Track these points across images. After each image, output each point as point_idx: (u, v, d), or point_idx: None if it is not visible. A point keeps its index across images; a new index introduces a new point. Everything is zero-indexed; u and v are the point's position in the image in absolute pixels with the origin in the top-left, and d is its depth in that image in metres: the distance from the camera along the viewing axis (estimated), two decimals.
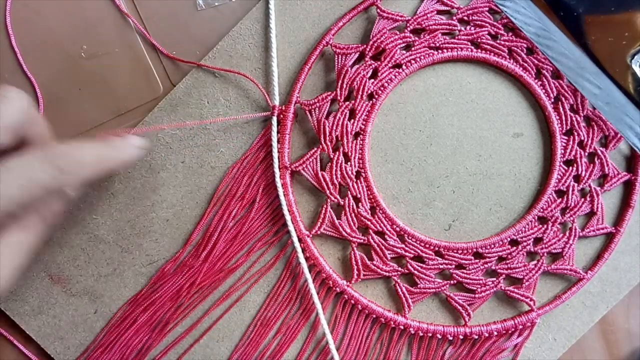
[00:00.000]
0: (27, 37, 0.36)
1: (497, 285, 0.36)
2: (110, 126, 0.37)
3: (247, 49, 0.37)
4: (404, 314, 0.36)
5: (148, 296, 0.36)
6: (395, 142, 0.37)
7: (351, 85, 0.36)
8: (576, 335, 0.37)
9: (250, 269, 0.36)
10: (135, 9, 0.37)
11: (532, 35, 0.36)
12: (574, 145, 0.36)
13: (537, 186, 0.37)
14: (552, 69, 0.36)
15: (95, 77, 0.37)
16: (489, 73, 0.37)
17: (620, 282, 0.37)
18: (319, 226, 0.36)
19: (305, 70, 0.36)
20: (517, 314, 0.37)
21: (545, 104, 0.36)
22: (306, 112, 0.36)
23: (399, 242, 0.36)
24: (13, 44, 0.36)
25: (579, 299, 0.37)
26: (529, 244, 0.36)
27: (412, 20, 0.36)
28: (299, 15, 0.37)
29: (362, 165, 0.36)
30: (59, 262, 0.36)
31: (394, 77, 0.36)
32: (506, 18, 0.36)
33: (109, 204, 0.36)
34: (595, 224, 0.37)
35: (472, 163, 0.37)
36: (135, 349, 0.36)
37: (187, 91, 0.37)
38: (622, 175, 0.37)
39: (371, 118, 0.36)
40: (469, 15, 0.36)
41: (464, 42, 0.36)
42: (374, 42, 0.36)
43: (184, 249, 0.36)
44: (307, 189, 0.37)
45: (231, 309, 0.36)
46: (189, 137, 0.37)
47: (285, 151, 0.36)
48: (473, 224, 0.37)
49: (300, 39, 0.37)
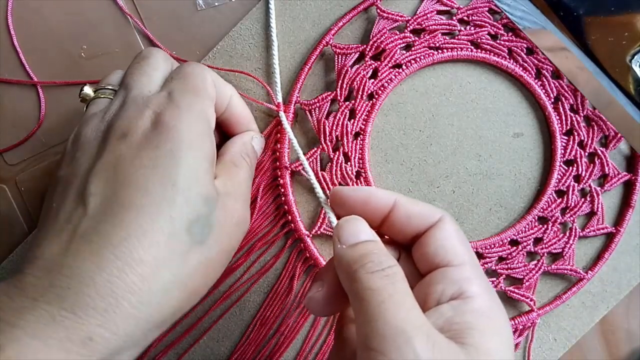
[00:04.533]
0: (27, 37, 0.36)
1: (497, 286, 0.36)
2: None
3: (247, 49, 0.37)
4: None
5: None
6: (396, 142, 0.37)
7: (351, 85, 0.36)
8: (576, 336, 0.37)
9: (250, 269, 0.36)
10: (135, 9, 0.37)
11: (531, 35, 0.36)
12: (574, 145, 0.36)
13: (537, 186, 0.37)
14: (552, 68, 0.36)
15: (95, 77, 0.37)
16: (489, 73, 0.37)
17: (621, 282, 0.37)
18: (319, 226, 0.36)
19: (305, 70, 0.36)
20: (518, 314, 0.37)
21: (545, 104, 0.36)
22: (306, 112, 0.36)
23: None
24: (15, 44, 0.36)
25: (579, 299, 0.37)
26: (529, 244, 0.36)
27: (412, 21, 0.36)
28: (299, 15, 0.37)
29: (362, 166, 0.36)
30: None
31: (394, 77, 0.36)
32: (506, 18, 0.36)
33: None
34: (596, 224, 0.37)
35: (472, 163, 0.37)
36: None
37: None
38: (622, 175, 0.37)
39: (371, 118, 0.36)
40: (468, 15, 0.36)
41: (464, 42, 0.36)
42: (374, 42, 0.36)
43: None
44: (307, 189, 0.37)
45: (231, 309, 0.36)
46: None
47: (285, 151, 0.36)
48: (473, 224, 0.37)
49: (300, 39, 0.37)
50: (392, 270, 0.23)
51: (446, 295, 0.23)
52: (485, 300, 0.23)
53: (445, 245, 0.25)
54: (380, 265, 0.23)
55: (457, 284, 0.24)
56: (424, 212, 0.26)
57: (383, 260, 0.23)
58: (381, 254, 0.24)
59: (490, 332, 0.22)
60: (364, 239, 0.24)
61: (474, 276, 0.24)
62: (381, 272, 0.23)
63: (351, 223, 0.25)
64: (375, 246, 0.24)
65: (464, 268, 0.24)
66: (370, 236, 0.25)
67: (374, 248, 0.24)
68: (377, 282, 0.22)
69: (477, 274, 0.24)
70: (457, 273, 0.24)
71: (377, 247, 0.24)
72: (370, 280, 0.22)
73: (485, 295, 0.23)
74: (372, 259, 0.23)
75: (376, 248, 0.24)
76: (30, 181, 0.37)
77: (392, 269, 0.23)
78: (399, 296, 0.22)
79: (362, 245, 0.24)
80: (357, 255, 0.24)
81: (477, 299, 0.23)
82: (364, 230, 0.25)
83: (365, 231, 0.25)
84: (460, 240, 0.25)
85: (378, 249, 0.24)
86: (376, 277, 0.22)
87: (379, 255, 0.23)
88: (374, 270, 0.23)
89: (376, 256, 0.23)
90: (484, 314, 0.23)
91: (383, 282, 0.22)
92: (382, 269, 0.23)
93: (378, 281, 0.22)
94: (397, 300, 0.22)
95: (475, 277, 0.24)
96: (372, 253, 0.24)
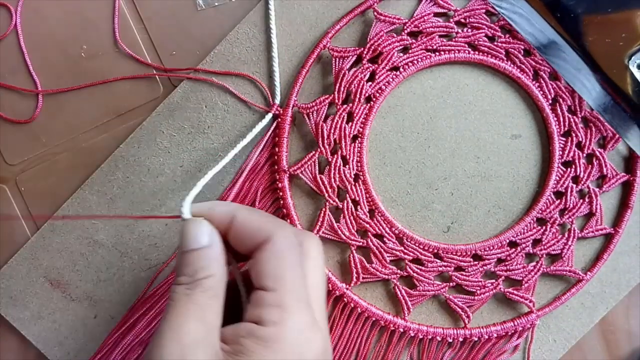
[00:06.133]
0: (27, 37, 0.37)
1: (497, 287, 0.36)
2: (110, 126, 0.37)
3: (245, 53, 0.37)
4: (403, 317, 0.36)
5: (148, 300, 0.36)
6: (394, 144, 0.37)
7: (349, 88, 0.36)
8: (576, 337, 0.37)
9: None
10: (135, 9, 0.37)
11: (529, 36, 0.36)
12: (572, 147, 0.36)
13: (536, 187, 0.37)
14: (549, 70, 0.36)
15: (95, 77, 0.37)
16: (486, 75, 0.37)
17: (620, 282, 0.37)
18: (318, 229, 0.36)
19: (303, 73, 0.36)
20: (517, 316, 0.37)
21: (543, 105, 0.36)
22: (304, 115, 0.36)
23: (397, 244, 0.36)
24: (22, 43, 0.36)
25: (578, 300, 0.37)
26: (528, 246, 0.36)
27: (409, 23, 0.36)
28: (296, 19, 0.37)
29: (361, 168, 0.36)
30: (58, 267, 0.36)
31: (391, 80, 0.36)
32: (503, 20, 0.36)
33: (108, 208, 0.36)
34: (594, 225, 0.37)
35: (470, 165, 0.37)
36: (136, 353, 0.36)
37: (185, 95, 0.37)
38: (620, 176, 0.37)
39: (369, 121, 0.36)
40: (465, 17, 0.36)
41: (461, 44, 0.36)
42: (371, 45, 0.36)
43: None
44: (305, 192, 0.37)
45: None
46: (188, 141, 0.37)
47: (283, 154, 0.36)
48: (472, 225, 0.37)
49: (298, 42, 0.37)
50: (202, 282, 0.25)
51: (251, 316, 0.24)
52: (278, 330, 0.24)
53: (262, 269, 0.25)
54: (192, 276, 0.25)
55: (262, 308, 0.24)
56: (255, 228, 0.26)
57: (196, 270, 0.25)
58: (199, 265, 0.25)
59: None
60: (199, 244, 0.26)
61: (281, 304, 0.24)
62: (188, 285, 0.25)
63: (194, 225, 0.26)
64: (199, 255, 0.25)
65: (275, 295, 0.24)
66: (205, 241, 0.26)
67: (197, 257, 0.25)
68: (180, 291, 0.25)
69: (288, 301, 0.24)
70: (268, 299, 0.24)
71: (202, 256, 0.25)
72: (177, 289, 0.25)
73: (282, 325, 0.24)
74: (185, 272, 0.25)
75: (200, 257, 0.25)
76: (30, 181, 0.37)
77: (203, 281, 0.25)
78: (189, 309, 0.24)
79: (191, 254, 0.26)
80: (178, 263, 0.26)
81: (269, 328, 0.24)
82: (203, 236, 0.26)
83: (202, 237, 0.26)
84: (282, 263, 0.25)
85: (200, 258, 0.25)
86: (180, 287, 0.25)
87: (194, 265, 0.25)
88: (181, 283, 0.25)
89: (190, 267, 0.25)
90: (267, 343, 0.23)
91: (183, 292, 0.25)
92: (193, 281, 0.25)
93: (180, 290, 0.25)
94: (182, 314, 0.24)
95: (283, 305, 0.24)
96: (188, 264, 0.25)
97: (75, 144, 0.37)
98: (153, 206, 0.36)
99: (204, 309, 0.24)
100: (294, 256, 0.26)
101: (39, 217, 0.36)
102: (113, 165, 0.36)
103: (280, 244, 0.26)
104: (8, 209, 0.36)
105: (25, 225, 0.37)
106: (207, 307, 0.24)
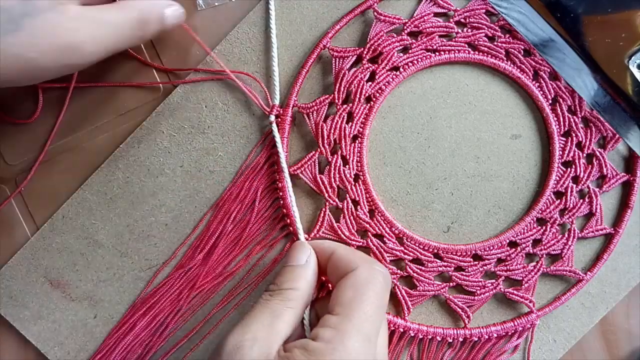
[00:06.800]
0: None
1: (497, 287, 0.36)
2: (110, 126, 0.37)
3: (245, 53, 0.37)
4: (403, 317, 0.36)
5: (147, 300, 0.36)
6: (394, 144, 0.37)
7: (349, 88, 0.36)
8: (576, 337, 0.37)
9: (249, 273, 0.36)
10: None
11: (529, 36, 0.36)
12: (572, 147, 0.36)
13: (536, 187, 0.37)
14: (549, 70, 0.36)
15: (95, 77, 0.37)
16: (486, 75, 0.37)
17: (620, 282, 0.37)
18: (318, 229, 0.36)
19: (303, 73, 0.36)
20: (517, 316, 0.37)
21: (543, 105, 0.36)
22: (304, 115, 0.36)
23: (397, 244, 0.36)
24: None
25: (578, 300, 0.37)
26: (528, 246, 0.36)
27: (409, 23, 0.36)
28: (296, 19, 0.37)
29: (361, 168, 0.36)
30: (58, 267, 0.36)
31: (391, 80, 0.36)
32: (503, 20, 0.36)
33: (108, 208, 0.36)
34: (594, 225, 0.37)
35: (470, 165, 0.37)
36: (135, 353, 0.36)
37: (185, 95, 0.37)
38: (620, 176, 0.37)
39: (369, 121, 0.36)
40: (465, 17, 0.36)
41: (461, 44, 0.36)
42: (371, 45, 0.36)
43: (179, 251, 0.36)
44: (305, 192, 0.37)
45: (231, 312, 0.36)
46: (188, 141, 0.37)
47: (283, 154, 0.36)
48: (472, 226, 0.37)
49: (298, 43, 0.37)
50: (283, 292, 0.29)
51: (312, 334, 0.27)
52: (326, 347, 0.26)
53: (336, 295, 0.28)
54: (278, 286, 0.30)
55: (321, 328, 0.27)
56: (346, 261, 0.30)
57: (284, 282, 0.30)
58: (289, 278, 0.30)
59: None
60: (297, 262, 0.31)
61: (338, 326, 0.27)
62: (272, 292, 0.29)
63: (299, 247, 0.32)
64: (292, 270, 0.30)
65: (337, 319, 0.27)
66: (303, 260, 0.31)
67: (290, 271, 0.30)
68: (264, 297, 0.29)
69: (346, 328, 0.27)
70: (330, 321, 0.27)
71: (295, 272, 0.30)
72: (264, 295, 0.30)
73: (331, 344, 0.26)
74: (277, 281, 0.30)
75: (292, 272, 0.30)
76: (30, 181, 0.37)
77: (286, 292, 0.29)
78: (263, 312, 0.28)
79: (286, 269, 0.31)
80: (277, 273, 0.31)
81: (319, 343, 0.26)
82: (302, 256, 0.31)
83: (301, 257, 0.31)
84: (355, 293, 0.28)
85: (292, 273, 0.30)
86: (266, 294, 0.29)
87: (284, 277, 0.30)
88: (269, 290, 0.30)
89: (281, 279, 0.30)
90: (311, 356, 0.26)
91: (265, 298, 0.29)
92: (278, 290, 0.29)
93: (264, 296, 0.29)
94: (255, 315, 0.28)
95: (339, 327, 0.27)
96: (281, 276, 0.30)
97: (75, 144, 0.37)
98: (153, 206, 0.36)
99: (274, 315, 0.28)
100: (369, 289, 0.28)
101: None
102: (113, 165, 0.36)
103: (359, 276, 0.29)
104: (8, 209, 0.36)
105: (25, 225, 0.37)
106: (279, 314, 0.28)
